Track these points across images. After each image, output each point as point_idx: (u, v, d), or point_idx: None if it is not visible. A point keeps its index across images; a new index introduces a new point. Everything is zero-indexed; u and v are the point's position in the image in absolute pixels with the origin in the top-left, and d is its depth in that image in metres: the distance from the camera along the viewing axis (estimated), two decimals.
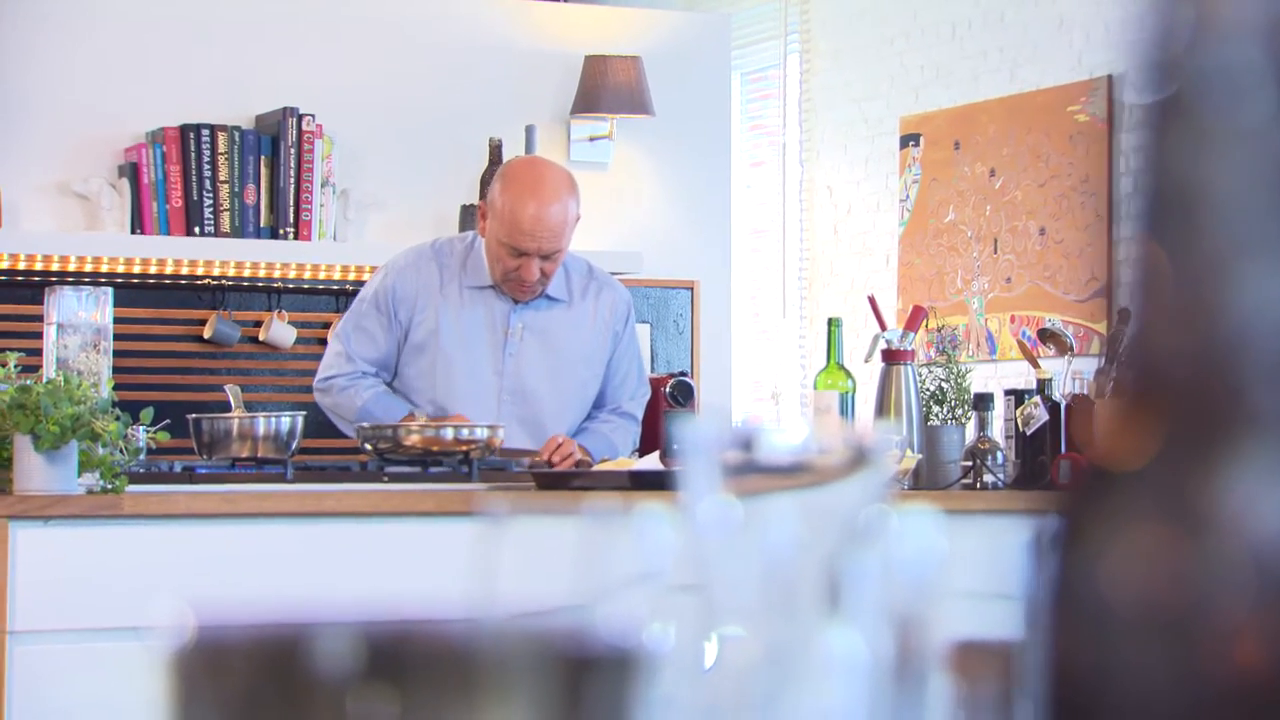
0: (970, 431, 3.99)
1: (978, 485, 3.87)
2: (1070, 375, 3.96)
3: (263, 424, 4.00)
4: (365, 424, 3.97)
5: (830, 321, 4.10)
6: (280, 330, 5.37)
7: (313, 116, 5.33)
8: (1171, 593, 0.44)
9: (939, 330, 4.78)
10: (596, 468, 3.95)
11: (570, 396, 4.22)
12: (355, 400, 4.11)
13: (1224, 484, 0.44)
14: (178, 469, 3.98)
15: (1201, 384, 0.45)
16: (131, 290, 5.18)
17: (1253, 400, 0.44)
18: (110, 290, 3.70)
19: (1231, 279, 0.44)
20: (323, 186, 5.35)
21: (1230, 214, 0.45)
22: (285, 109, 5.31)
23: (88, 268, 5.16)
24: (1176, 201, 0.45)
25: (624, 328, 4.28)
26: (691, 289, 5.81)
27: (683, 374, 5.12)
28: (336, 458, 4.69)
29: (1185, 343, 0.44)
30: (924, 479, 3.89)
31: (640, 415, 4.37)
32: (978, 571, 1.29)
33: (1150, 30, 0.46)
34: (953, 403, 4.00)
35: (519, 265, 4.05)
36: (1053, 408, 3.90)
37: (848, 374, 4.02)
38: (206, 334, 5.30)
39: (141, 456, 3.55)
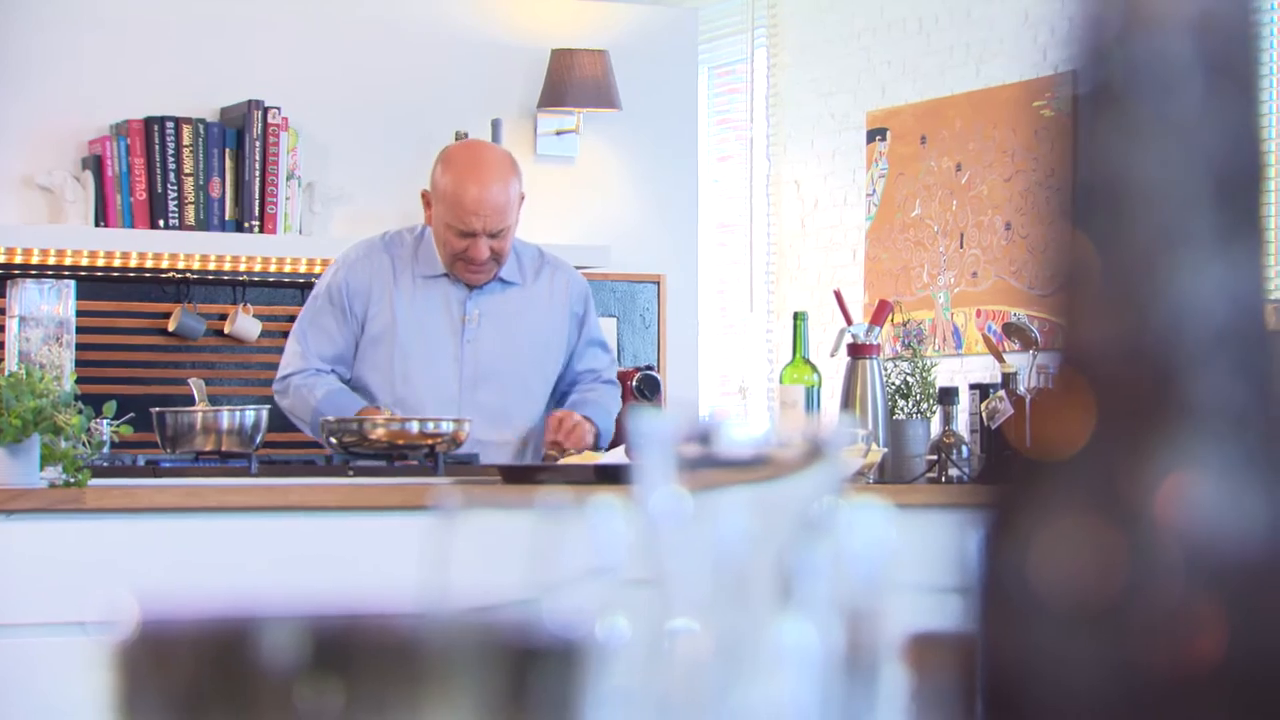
0: (935, 425, 4.00)
1: (942, 479, 3.87)
2: (1035, 369, 3.97)
3: (227, 417, 3.98)
4: (330, 418, 3.96)
5: (796, 315, 4.11)
6: (245, 323, 5.35)
7: (278, 109, 5.32)
8: (1100, 583, 0.44)
9: (905, 324, 4.78)
10: (563, 462, 3.95)
11: (531, 380, 4.22)
12: (309, 399, 4.09)
13: (1153, 474, 0.45)
14: (141, 462, 3.96)
15: (1130, 374, 0.45)
16: (95, 283, 5.16)
17: (1181, 390, 0.44)
18: (73, 283, 3.68)
19: (1159, 270, 0.45)
20: (288, 179, 5.33)
21: (1158, 205, 0.45)
22: (250, 102, 5.29)
23: (51, 260, 5.14)
24: (1106, 192, 0.45)
25: (584, 309, 4.29)
26: (658, 283, 5.81)
27: (649, 368, 5.12)
28: (301, 451, 4.68)
29: (1114, 333, 0.44)
30: (889, 473, 3.90)
31: (616, 378, 4.39)
32: (942, 565, 1.29)
33: (1081, 21, 0.46)
34: (918, 397, 4.01)
35: (467, 246, 4.06)
36: (1017, 402, 3.91)
37: (813, 368, 4.02)
38: (171, 327, 5.28)
39: (105, 450, 3.54)
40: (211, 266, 5.30)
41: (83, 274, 5.08)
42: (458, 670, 0.50)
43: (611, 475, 3.54)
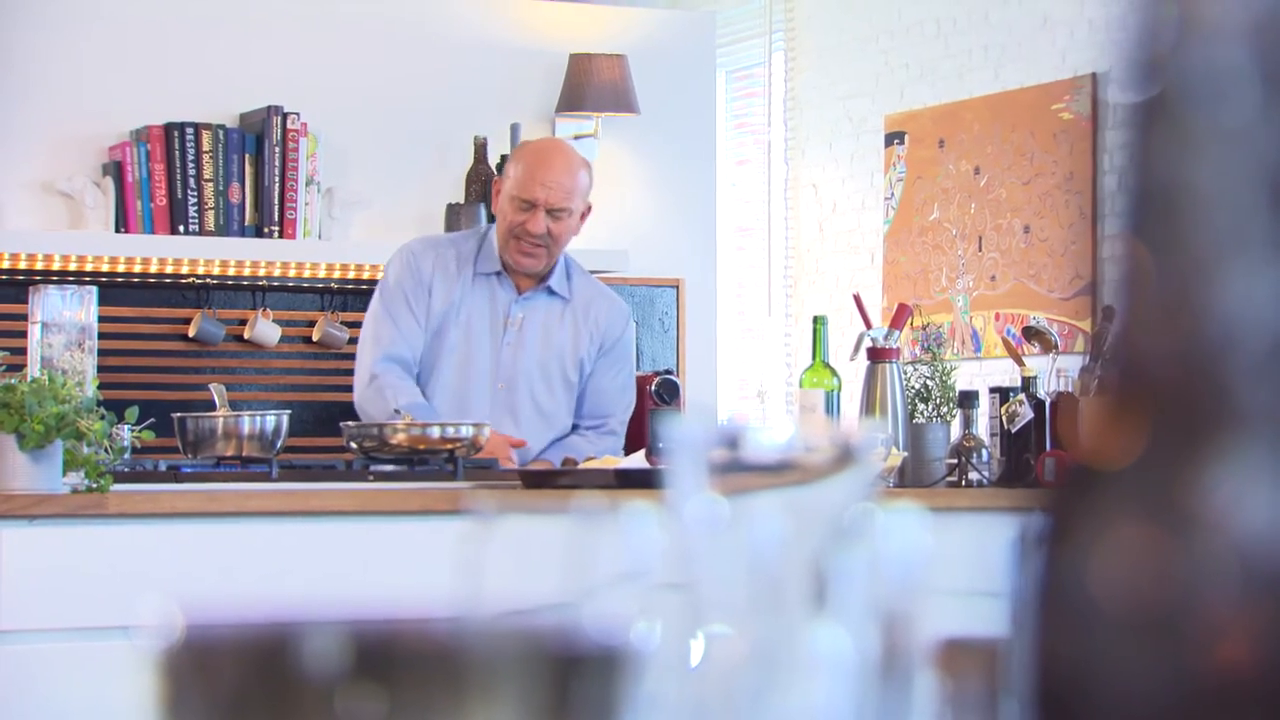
0: (955, 429, 4.00)
1: (963, 483, 3.87)
2: (1055, 373, 3.97)
3: (248, 423, 3.99)
4: (350, 423, 3.98)
5: (815, 319, 4.11)
6: (265, 329, 5.36)
7: (297, 115, 5.32)
8: (1156, 591, 0.44)
9: (924, 328, 4.78)
10: (583, 466, 3.96)
11: (558, 390, 4.28)
12: (392, 401, 4.11)
13: (1209, 482, 0.44)
14: (163, 468, 3.97)
15: (1186, 382, 0.45)
16: (116, 289, 5.17)
17: (1236, 398, 0.44)
18: (95, 289, 3.69)
19: (1215, 278, 0.45)
20: (307, 185, 5.34)
21: (1214, 213, 0.45)
22: (270, 107, 5.30)
23: (72, 266, 5.15)
24: (1160, 201, 0.45)
25: (614, 343, 4.35)
26: (677, 287, 5.81)
27: (668, 372, 5.12)
28: (322, 456, 4.69)
29: (1170, 341, 0.44)
30: (909, 477, 3.89)
31: (623, 433, 4.44)
32: (963, 569, 1.29)
33: (1135, 30, 0.46)
34: (938, 400, 4.01)
35: (525, 219, 4.16)
36: (1037, 405, 3.91)
37: (833, 372, 4.02)
38: (191, 333, 5.29)
39: (126, 455, 3.54)
40: (231, 272, 5.32)
41: (103, 280, 5.09)
42: (494, 675, 0.51)
43: (633, 479, 3.54)
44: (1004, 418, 3.93)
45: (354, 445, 3.91)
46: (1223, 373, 0.44)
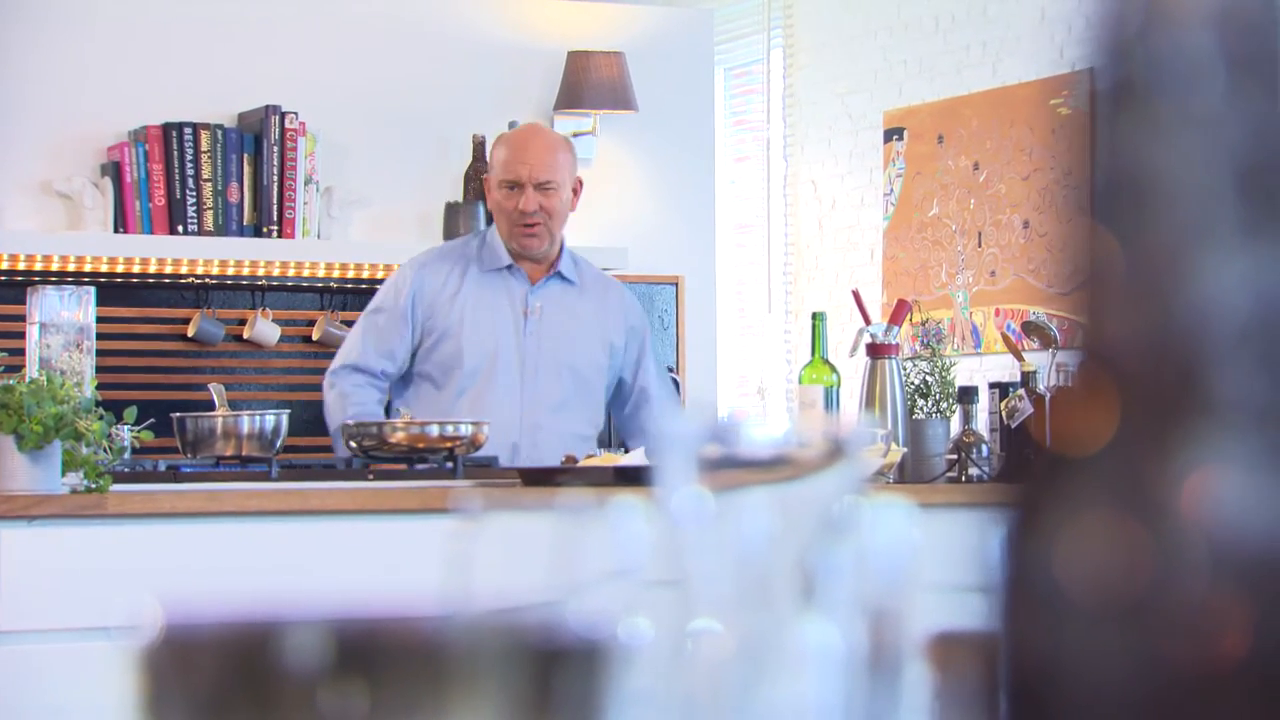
0: (955, 425, 4.00)
1: (963, 478, 3.87)
2: (1054, 368, 3.96)
3: (247, 422, 3.99)
4: (350, 422, 3.98)
5: (815, 316, 4.11)
6: (264, 328, 5.36)
7: (295, 114, 5.32)
8: (1126, 579, 0.44)
9: (923, 324, 4.78)
10: (582, 463, 3.96)
11: (588, 373, 4.34)
12: (345, 408, 4.20)
13: (1178, 469, 0.45)
14: (162, 468, 3.97)
15: (1154, 370, 0.45)
16: (115, 289, 5.17)
17: (1205, 385, 0.44)
18: (93, 289, 3.69)
19: (1183, 265, 0.45)
20: (306, 184, 5.34)
21: (1181, 200, 0.45)
22: (268, 107, 5.30)
23: (70, 267, 5.15)
24: (1128, 188, 0.45)
25: (645, 329, 4.48)
26: (676, 284, 5.81)
27: (668, 370, 5.12)
28: (321, 455, 4.69)
29: (1138, 329, 0.44)
30: (909, 473, 3.89)
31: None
32: (964, 564, 1.29)
33: (1103, 16, 0.46)
34: (937, 396, 4.01)
35: (517, 199, 4.23)
36: (1037, 400, 3.90)
37: (832, 368, 4.02)
38: (190, 333, 5.29)
39: (125, 456, 3.54)
40: (230, 272, 5.32)
41: (102, 280, 5.09)
42: (482, 672, 0.51)
43: (632, 476, 3.54)
44: (1004, 413, 3.93)
45: (353, 444, 3.92)
46: (1191, 360, 0.44)
